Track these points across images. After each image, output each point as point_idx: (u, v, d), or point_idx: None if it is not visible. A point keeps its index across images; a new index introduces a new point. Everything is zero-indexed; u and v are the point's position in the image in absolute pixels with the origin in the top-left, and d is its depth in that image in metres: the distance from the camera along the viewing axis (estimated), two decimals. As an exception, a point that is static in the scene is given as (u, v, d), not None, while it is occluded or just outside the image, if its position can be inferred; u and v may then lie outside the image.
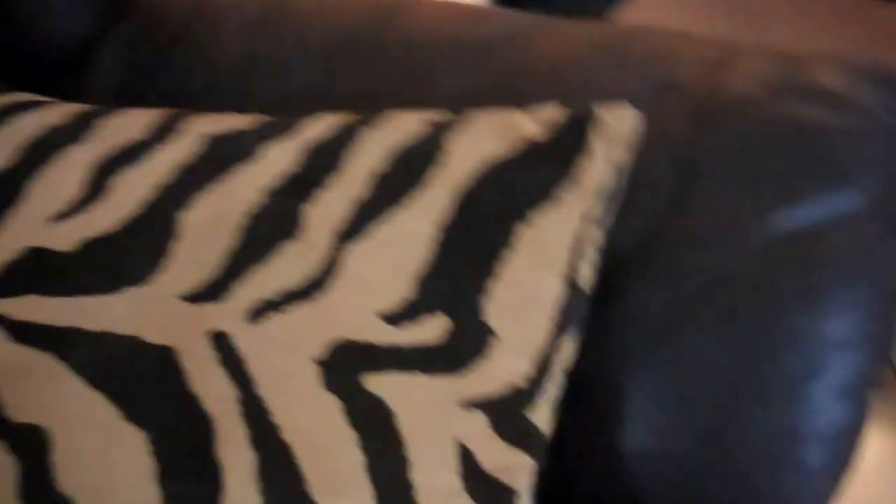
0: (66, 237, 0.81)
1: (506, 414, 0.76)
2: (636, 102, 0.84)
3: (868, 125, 0.87)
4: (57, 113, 0.89)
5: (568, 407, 0.82)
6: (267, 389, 0.74)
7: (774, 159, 0.86)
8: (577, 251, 0.79)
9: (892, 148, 0.87)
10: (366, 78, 0.94)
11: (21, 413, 0.75)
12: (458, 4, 1.04)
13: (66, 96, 0.95)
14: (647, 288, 0.84)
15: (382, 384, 0.75)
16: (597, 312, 0.83)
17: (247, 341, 0.76)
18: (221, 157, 0.83)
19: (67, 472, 0.73)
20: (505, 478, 0.76)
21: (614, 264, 0.84)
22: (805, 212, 0.84)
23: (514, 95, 0.87)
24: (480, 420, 0.75)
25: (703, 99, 0.88)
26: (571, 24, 0.98)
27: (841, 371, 0.83)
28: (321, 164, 0.81)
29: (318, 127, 0.84)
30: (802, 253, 0.84)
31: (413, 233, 0.79)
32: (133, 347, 0.76)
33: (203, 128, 0.86)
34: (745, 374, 0.82)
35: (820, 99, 0.87)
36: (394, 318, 0.76)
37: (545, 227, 0.79)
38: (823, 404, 0.83)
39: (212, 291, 0.77)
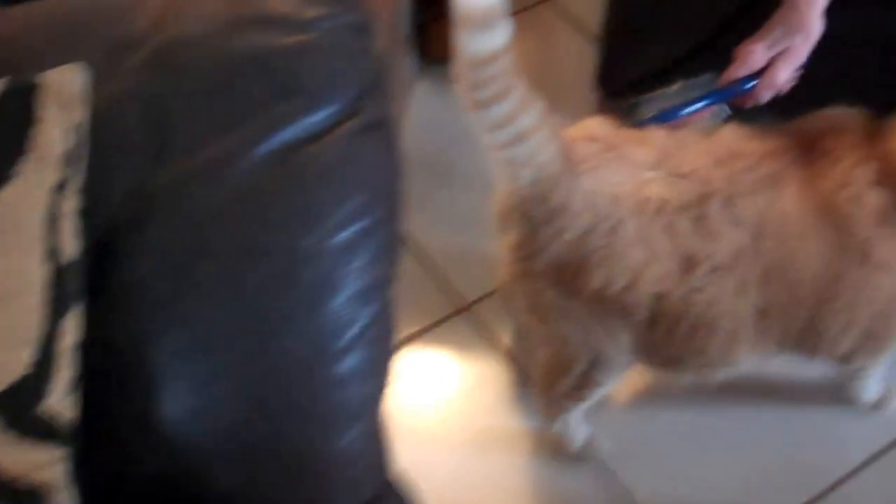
0: None
1: (16, 411, 0.71)
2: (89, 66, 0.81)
3: (327, 40, 0.89)
4: None
5: (100, 384, 0.78)
6: None
7: (245, 92, 0.86)
8: (52, 225, 0.75)
9: (353, 58, 0.90)
10: None
11: None
12: None
13: None
14: (144, 250, 0.81)
15: None
16: (104, 282, 0.79)
17: None
18: None
19: None
20: (34, 477, 0.70)
21: (109, 233, 0.81)
22: (285, 135, 0.85)
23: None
24: (-11, 425, 0.69)
25: (159, 50, 0.86)
26: (22, 6, 0.92)
27: (357, 277, 0.85)
28: None
29: None
30: (291, 175, 0.84)
31: None
32: None
33: None
34: (265, 306, 0.82)
35: (276, 25, 0.88)
36: None
37: (10, 208, 0.73)
38: (348, 313, 0.84)
39: None
